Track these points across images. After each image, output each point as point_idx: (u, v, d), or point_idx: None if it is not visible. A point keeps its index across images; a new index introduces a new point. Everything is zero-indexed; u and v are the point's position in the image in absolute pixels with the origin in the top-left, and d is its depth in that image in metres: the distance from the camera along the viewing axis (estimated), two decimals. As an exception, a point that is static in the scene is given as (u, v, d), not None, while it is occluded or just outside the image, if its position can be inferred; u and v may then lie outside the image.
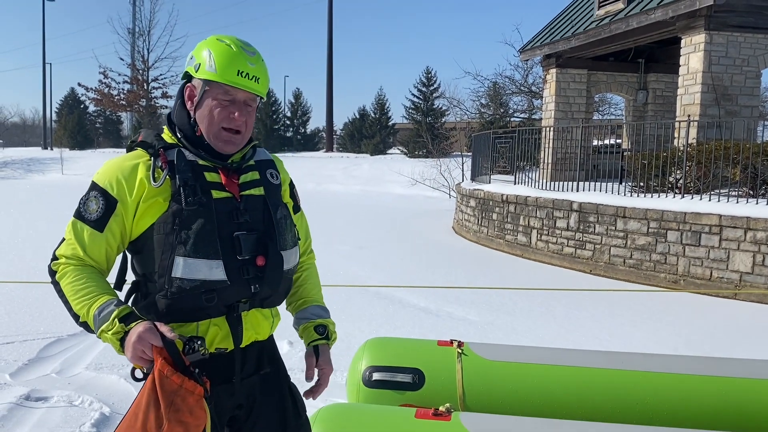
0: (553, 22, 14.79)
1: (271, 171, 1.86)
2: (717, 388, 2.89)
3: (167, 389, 1.47)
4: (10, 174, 33.66)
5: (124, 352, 1.54)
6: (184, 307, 1.65)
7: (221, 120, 1.70)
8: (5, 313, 5.87)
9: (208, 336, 1.70)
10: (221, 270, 1.63)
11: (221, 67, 1.66)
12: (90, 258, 1.67)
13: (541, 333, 5.73)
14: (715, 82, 10.06)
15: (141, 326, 1.52)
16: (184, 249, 1.61)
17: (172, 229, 1.63)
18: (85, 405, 3.78)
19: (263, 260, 1.70)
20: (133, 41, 44.68)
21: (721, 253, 7.62)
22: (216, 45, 1.70)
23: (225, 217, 1.68)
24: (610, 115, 28.57)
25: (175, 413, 1.47)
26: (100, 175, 1.70)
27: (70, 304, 1.62)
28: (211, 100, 1.69)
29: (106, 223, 1.65)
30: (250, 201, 1.75)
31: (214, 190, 1.69)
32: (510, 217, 11.06)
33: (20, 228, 12.33)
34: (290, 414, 1.88)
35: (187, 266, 1.61)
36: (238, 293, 1.69)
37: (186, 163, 1.68)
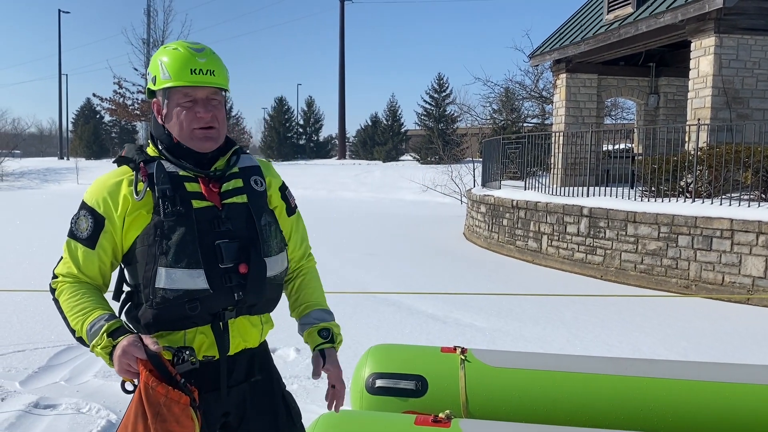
0: (562, 27, 14.77)
1: (256, 178, 1.85)
2: (724, 394, 2.86)
3: (153, 400, 1.49)
4: (26, 184, 34.07)
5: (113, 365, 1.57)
6: (169, 316, 1.67)
7: (189, 122, 1.71)
8: (17, 321, 5.94)
9: (195, 344, 1.71)
10: (203, 279, 1.65)
11: (174, 71, 1.69)
12: (84, 275, 1.72)
13: (549, 339, 5.70)
14: (725, 86, 9.99)
15: (125, 340, 1.55)
16: (165, 259, 1.64)
17: (154, 240, 1.66)
18: (92, 412, 3.81)
19: (245, 268, 1.71)
20: (147, 51, 45.08)
21: (733, 257, 7.55)
22: (164, 53, 1.73)
23: (206, 226, 1.69)
24: (621, 119, 28.44)
25: (162, 423, 1.49)
26: (89, 193, 1.74)
27: (68, 320, 1.67)
28: (175, 106, 1.72)
29: (96, 240, 1.70)
30: (233, 209, 1.75)
31: (194, 200, 1.71)
32: (520, 222, 11.02)
33: (34, 237, 12.46)
34: (283, 421, 1.88)
35: (168, 276, 1.64)
36: (222, 301, 1.69)
37: (165, 174, 1.70)
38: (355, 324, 6.01)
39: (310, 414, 2.93)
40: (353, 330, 5.82)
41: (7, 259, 9.66)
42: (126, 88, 43.21)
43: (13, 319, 5.99)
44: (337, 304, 6.68)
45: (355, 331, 5.76)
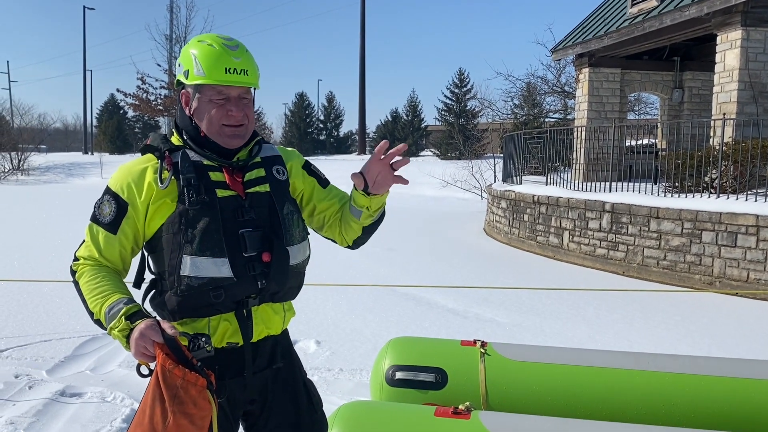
0: (585, 21, 14.61)
1: (278, 167, 1.88)
2: (748, 391, 2.83)
3: (170, 382, 1.51)
4: (52, 178, 34.61)
5: (129, 348, 1.59)
6: (194, 304, 1.70)
7: (220, 119, 1.73)
8: (44, 312, 6.05)
9: (219, 331, 1.73)
10: (227, 267, 1.68)
11: (208, 68, 1.69)
12: (105, 259, 1.73)
13: (570, 334, 5.68)
14: (752, 80, 9.81)
15: (143, 323, 1.56)
16: (190, 248, 1.67)
17: (179, 228, 1.68)
18: (117, 401, 3.88)
19: (269, 256, 1.73)
20: (170, 47, 45.49)
21: (759, 254, 7.43)
22: (199, 47, 1.73)
23: (230, 215, 1.71)
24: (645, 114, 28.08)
25: (179, 405, 1.51)
26: (113, 179, 1.76)
27: (86, 302, 1.68)
28: (207, 102, 1.73)
29: (119, 226, 1.71)
30: (256, 198, 1.78)
31: (218, 189, 1.73)
32: (541, 218, 10.95)
33: (60, 230, 12.67)
34: (304, 408, 1.90)
35: (194, 264, 1.66)
36: (245, 289, 1.72)
37: (190, 163, 1.72)
38: (376, 317, 6.03)
39: (330, 405, 2.95)
40: (373, 323, 5.84)
41: (35, 251, 9.84)
42: (149, 83, 43.64)
43: (40, 310, 6.11)
44: (358, 297, 6.74)
45: (375, 325, 5.78)
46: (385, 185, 1.81)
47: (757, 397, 2.79)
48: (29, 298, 6.55)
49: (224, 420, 1.73)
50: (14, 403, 3.83)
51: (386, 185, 1.81)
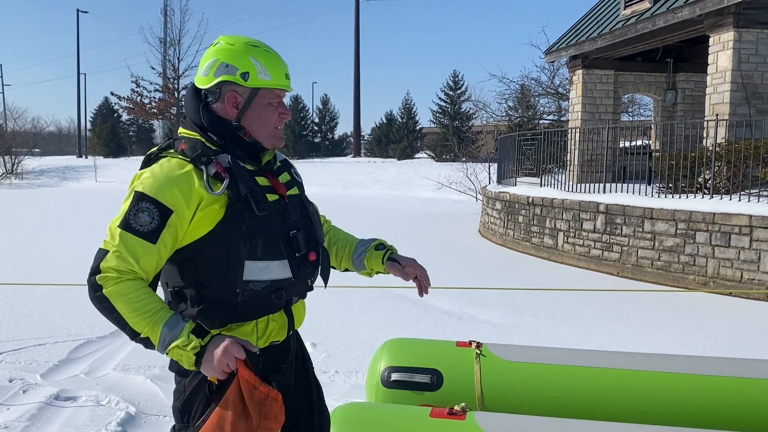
0: (578, 23, 14.67)
1: (293, 170, 1.96)
2: (740, 390, 2.84)
3: (256, 399, 1.54)
4: (46, 182, 34.48)
5: (197, 365, 1.53)
6: (253, 307, 1.72)
7: (275, 120, 1.80)
8: (38, 315, 6.03)
9: (267, 331, 1.80)
10: (287, 269, 1.75)
11: (274, 73, 1.76)
12: (143, 270, 1.61)
13: (565, 335, 5.69)
14: (744, 81, 9.87)
15: (224, 340, 1.54)
16: (254, 253, 1.68)
17: (239, 235, 1.66)
18: (111, 405, 3.87)
19: (315, 255, 1.82)
20: (164, 50, 45.44)
21: (752, 254, 7.47)
22: (254, 51, 1.75)
23: (280, 218, 1.77)
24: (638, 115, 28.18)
25: (265, 421, 1.55)
26: (149, 185, 1.64)
27: (126, 320, 1.56)
28: (265, 104, 1.77)
29: (159, 235, 1.61)
30: (293, 201, 1.85)
31: (267, 193, 1.77)
32: (536, 219, 10.98)
33: (54, 233, 12.63)
34: (315, 396, 2.00)
35: (258, 269, 1.69)
36: (299, 288, 1.82)
37: (241, 169, 1.73)
38: (371, 319, 6.04)
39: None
40: (369, 325, 5.84)
41: (29, 255, 9.80)
42: (143, 87, 43.57)
43: (34, 314, 6.09)
44: (354, 299, 6.74)
45: (370, 327, 5.78)
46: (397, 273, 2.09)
47: (751, 396, 2.81)
48: (23, 302, 6.52)
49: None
50: (8, 407, 3.81)
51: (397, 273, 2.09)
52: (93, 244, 1.79)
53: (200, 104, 1.76)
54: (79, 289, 7.00)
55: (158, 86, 44.32)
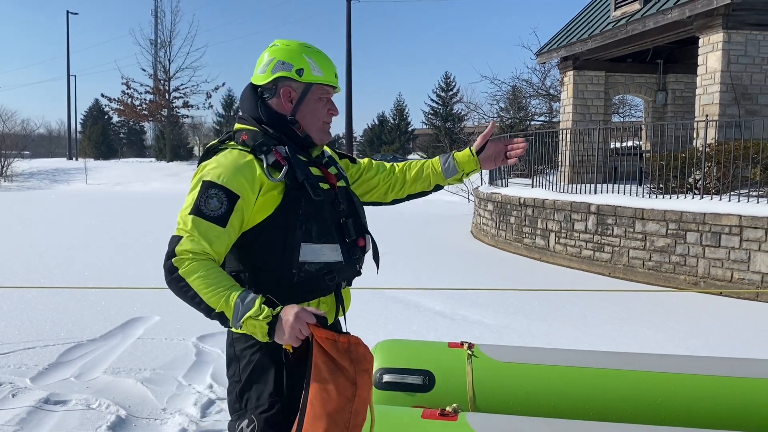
0: (569, 25, 14.72)
1: (339, 165, 2.09)
2: (732, 389, 2.85)
3: (342, 350, 1.60)
4: (36, 184, 34.28)
5: (270, 335, 1.61)
6: (308, 288, 1.84)
7: (325, 115, 1.96)
8: (27, 319, 5.98)
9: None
10: (339, 252, 1.87)
11: (325, 71, 1.93)
12: (215, 252, 1.72)
13: (557, 336, 5.70)
14: (734, 82, 9.93)
15: (295, 308, 1.61)
16: (309, 236, 1.82)
17: (296, 219, 1.81)
18: (102, 408, 3.84)
19: (363, 241, 1.96)
20: (154, 52, 45.26)
21: (742, 253, 7.51)
22: (307, 51, 1.93)
23: (330, 206, 1.90)
24: (629, 116, 28.32)
25: (358, 365, 1.62)
26: (216, 173, 1.78)
27: (201, 297, 1.65)
28: (316, 99, 1.93)
29: (228, 219, 1.74)
30: (341, 191, 1.98)
31: (320, 182, 1.90)
32: (528, 220, 11.00)
33: (44, 236, 12.55)
34: None
35: (312, 251, 1.82)
36: (349, 272, 1.94)
37: (298, 159, 1.88)
38: (363, 320, 6.02)
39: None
40: (361, 326, 5.83)
41: (18, 258, 9.73)
42: (134, 88, 43.37)
43: (23, 317, 6.04)
44: (345, 301, 6.72)
45: (363, 328, 5.77)
46: (492, 164, 2.20)
47: (742, 395, 2.82)
48: (12, 305, 6.47)
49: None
50: (-3, 411, 3.78)
51: (494, 164, 2.21)
52: (83, 246, 1.80)
53: (258, 100, 1.94)
54: (69, 291, 6.97)
55: (149, 88, 44.15)
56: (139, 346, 5.15)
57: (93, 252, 10.28)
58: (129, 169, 38.78)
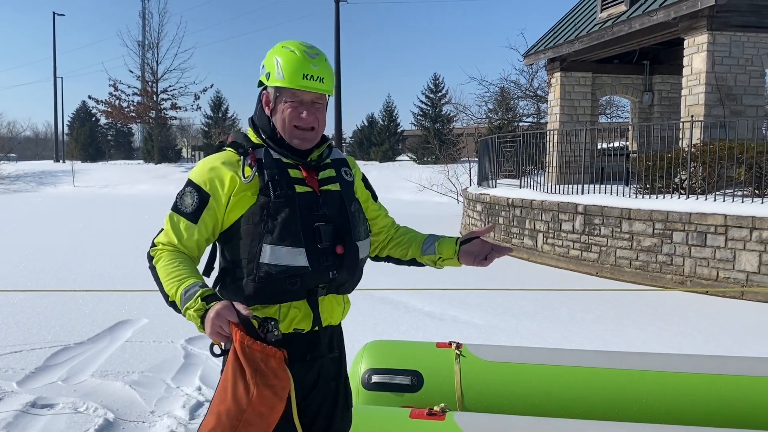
0: (556, 26, 14.81)
1: (345, 169, 2.04)
2: (714, 386, 2.89)
3: (250, 357, 1.59)
4: (22, 187, 33.99)
5: (203, 328, 1.67)
6: (270, 290, 1.83)
7: (292, 120, 1.88)
8: (13, 322, 5.94)
9: (288, 317, 1.86)
10: (303, 257, 1.82)
11: (288, 73, 1.84)
12: (183, 246, 1.84)
13: (545, 335, 5.73)
14: (719, 83, 10.03)
15: (219, 304, 1.65)
16: (270, 237, 1.80)
17: (260, 219, 1.81)
18: (89, 411, 3.82)
19: (342, 249, 1.88)
20: (142, 54, 44.98)
21: (727, 253, 7.59)
22: (282, 53, 1.87)
23: (306, 210, 1.86)
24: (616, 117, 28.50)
25: (261, 378, 1.60)
26: (195, 172, 1.88)
27: (162, 284, 1.77)
28: (283, 103, 1.88)
29: (200, 216, 1.84)
30: (328, 195, 1.92)
31: (297, 185, 1.88)
32: (516, 220, 11.05)
33: (29, 239, 12.45)
34: (342, 401, 2.01)
35: (273, 253, 1.80)
36: (318, 279, 1.85)
37: (272, 160, 1.88)
38: (352, 322, 6.02)
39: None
40: (350, 327, 5.82)
41: (4, 260, 9.65)
42: (121, 90, 43.09)
43: (9, 320, 6.00)
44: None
45: (351, 329, 5.76)
46: (471, 259, 2.11)
47: (726, 392, 2.85)
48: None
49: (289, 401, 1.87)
50: (-17, 415, 3.75)
51: (473, 261, 2.10)
52: (69, 249, 1.82)
53: (259, 105, 1.98)
54: (56, 295, 6.92)
55: (137, 90, 43.87)
56: (127, 349, 5.13)
57: (80, 255, 10.22)
58: (117, 172, 38.53)
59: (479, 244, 2.09)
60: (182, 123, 51.57)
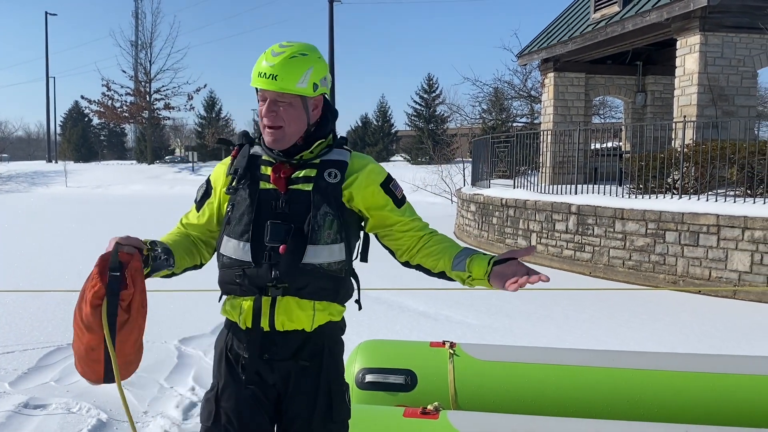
0: (550, 27, 14.85)
1: (331, 170, 1.91)
2: (706, 384, 2.90)
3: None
4: (14, 187, 33.82)
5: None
6: (226, 280, 1.92)
7: (262, 118, 1.90)
8: (5, 323, 5.91)
9: (244, 310, 1.90)
10: (248, 251, 1.85)
11: (253, 73, 1.88)
12: (186, 226, 2.04)
13: (539, 335, 5.75)
14: (711, 83, 10.08)
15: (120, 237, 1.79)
16: (228, 229, 1.91)
17: (226, 211, 1.94)
18: (82, 412, 3.81)
19: (284, 248, 1.83)
20: (135, 54, 44.90)
21: (720, 252, 7.63)
22: (265, 53, 1.89)
23: (266, 206, 1.87)
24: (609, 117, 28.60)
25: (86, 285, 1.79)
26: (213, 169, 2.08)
27: None
28: (258, 103, 1.92)
29: (202, 205, 2.03)
30: (296, 195, 1.88)
31: (262, 181, 1.91)
32: (510, 220, 11.08)
33: (22, 240, 12.39)
34: (320, 414, 1.91)
35: (226, 245, 1.91)
36: (263, 276, 1.85)
37: (246, 156, 1.94)
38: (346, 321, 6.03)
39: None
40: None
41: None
42: (114, 90, 42.95)
43: (2, 321, 5.96)
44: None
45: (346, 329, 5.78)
46: (501, 282, 1.82)
47: (718, 391, 2.87)
48: (-9, 310, 6.39)
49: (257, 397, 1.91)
50: (-25, 416, 3.73)
51: (501, 283, 1.81)
52: (61, 250, 1.83)
53: None
54: (49, 295, 6.88)
55: (130, 90, 43.75)
56: (121, 350, 5.11)
57: (73, 255, 10.16)
58: (109, 172, 38.40)
59: (514, 266, 1.82)
60: (175, 123, 51.42)
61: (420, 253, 2.02)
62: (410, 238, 2.03)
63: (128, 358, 1.79)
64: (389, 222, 2.00)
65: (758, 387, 2.85)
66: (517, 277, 1.79)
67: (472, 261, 1.89)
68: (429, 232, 2.06)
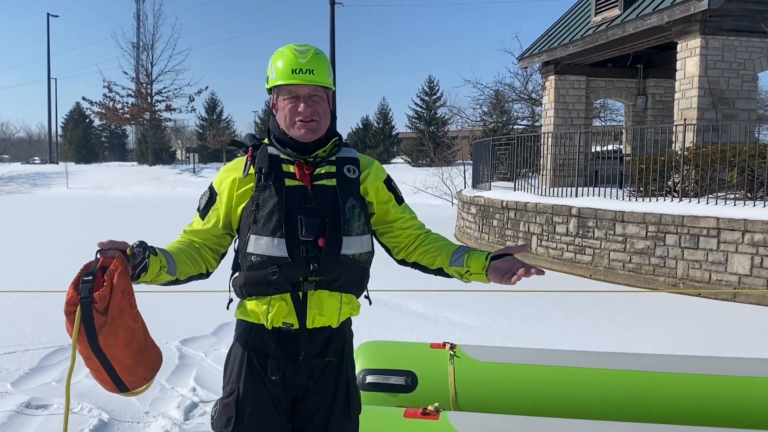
0: (551, 30, 14.87)
1: (350, 167, 2.02)
2: (706, 386, 2.92)
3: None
4: (15, 188, 33.86)
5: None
6: (255, 280, 1.89)
7: (292, 114, 1.93)
8: (7, 323, 5.93)
9: (275, 309, 1.90)
10: (283, 247, 1.86)
11: (279, 71, 1.92)
12: (191, 235, 2.01)
13: (538, 337, 5.76)
14: (711, 86, 10.10)
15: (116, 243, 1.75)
16: (256, 228, 1.88)
17: (251, 210, 1.90)
18: (84, 412, 3.83)
19: (323, 241, 1.88)
20: (136, 55, 44.98)
21: (720, 255, 7.64)
22: (276, 56, 1.96)
23: (294, 203, 1.90)
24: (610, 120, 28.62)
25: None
26: (216, 176, 2.06)
27: None
28: (282, 101, 1.95)
29: (207, 213, 2.01)
30: (322, 190, 1.94)
31: (287, 178, 1.93)
32: (510, 223, 11.09)
33: (24, 241, 12.41)
34: (339, 410, 1.97)
35: (256, 242, 1.88)
36: (299, 271, 1.87)
37: (266, 155, 1.95)
38: (346, 324, 6.04)
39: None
40: (344, 329, 5.85)
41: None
42: (116, 91, 43.01)
43: (3, 321, 5.99)
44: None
45: (346, 331, 5.79)
46: (499, 277, 1.93)
47: (718, 393, 2.88)
48: (-8, 310, 6.40)
49: (278, 398, 1.91)
50: (-23, 416, 3.75)
51: (500, 278, 1.93)
52: (62, 251, 1.83)
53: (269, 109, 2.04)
54: (51, 295, 6.90)
55: (131, 91, 43.82)
56: (122, 350, 5.12)
57: (74, 255, 10.17)
58: (110, 173, 38.43)
59: (511, 261, 1.93)
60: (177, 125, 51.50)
61: (417, 251, 2.13)
62: (408, 236, 2.13)
63: (125, 362, 1.70)
64: (390, 218, 2.10)
65: (758, 389, 2.86)
66: (513, 271, 1.90)
67: (470, 257, 2.01)
68: (426, 231, 2.17)
